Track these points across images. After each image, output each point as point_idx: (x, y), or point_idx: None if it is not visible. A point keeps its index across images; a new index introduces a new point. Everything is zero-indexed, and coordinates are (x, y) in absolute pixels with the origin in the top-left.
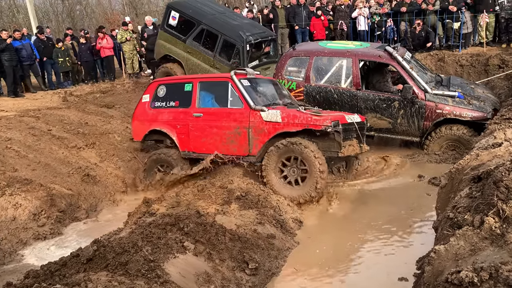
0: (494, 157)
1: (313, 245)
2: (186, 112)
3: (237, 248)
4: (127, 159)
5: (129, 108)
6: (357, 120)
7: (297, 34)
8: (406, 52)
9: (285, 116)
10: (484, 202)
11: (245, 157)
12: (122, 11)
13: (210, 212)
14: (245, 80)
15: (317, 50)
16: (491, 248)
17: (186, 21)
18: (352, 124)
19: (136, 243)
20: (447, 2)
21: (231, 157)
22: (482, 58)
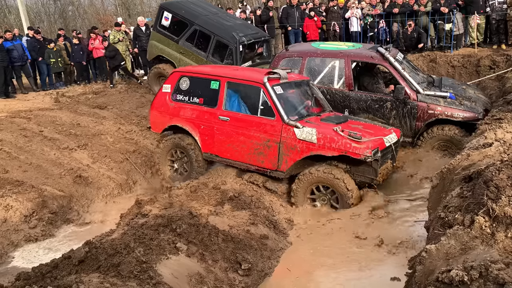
0: (484, 157)
1: (306, 245)
2: (211, 113)
3: (230, 248)
4: (120, 160)
5: (122, 109)
6: (394, 140)
7: (290, 35)
8: (398, 53)
9: (322, 138)
10: (474, 202)
11: (272, 171)
12: (114, 12)
13: (203, 213)
14: (278, 87)
15: (310, 51)
16: (481, 247)
17: (179, 21)
18: (390, 147)
19: (128, 245)
20: (438, 4)
21: (256, 168)
22: (474, 59)
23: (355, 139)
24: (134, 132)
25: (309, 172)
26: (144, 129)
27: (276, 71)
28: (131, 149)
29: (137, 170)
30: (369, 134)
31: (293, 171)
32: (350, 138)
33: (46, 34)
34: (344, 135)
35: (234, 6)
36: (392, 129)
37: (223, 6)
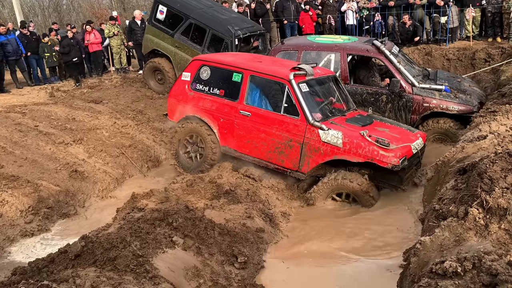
0: (479, 149)
1: (302, 238)
2: (232, 106)
3: (226, 242)
4: (115, 155)
5: (117, 103)
6: (420, 146)
7: (286, 28)
8: (393, 46)
9: (348, 142)
10: (468, 194)
11: (293, 171)
12: (109, 6)
13: (199, 206)
14: (304, 84)
15: (306, 45)
16: (475, 239)
17: (174, 15)
18: (417, 153)
19: (125, 239)
20: None
21: (276, 167)
22: (469, 52)
23: (383, 146)
24: (130, 126)
25: (334, 179)
26: (139, 123)
27: (303, 67)
28: (127, 144)
29: (133, 164)
30: (396, 139)
31: (314, 173)
32: (377, 144)
33: (41, 28)
34: (371, 141)
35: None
36: (418, 133)
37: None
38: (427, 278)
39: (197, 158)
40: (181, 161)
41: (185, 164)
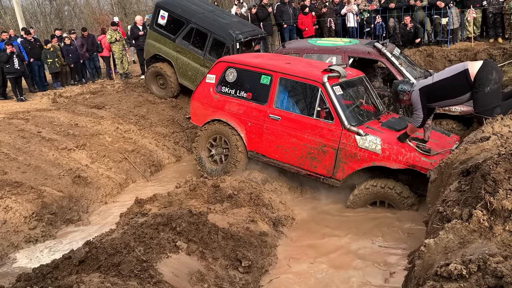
0: (482, 150)
1: (306, 241)
2: (260, 110)
3: (230, 246)
4: (118, 160)
5: (120, 109)
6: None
7: (285, 32)
8: (395, 48)
9: (387, 149)
10: (472, 196)
11: (326, 178)
12: (111, 11)
13: (203, 211)
14: (338, 87)
15: (307, 48)
16: (480, 241)
17: (176, 20)
18: None
19: (129, 244)
20: None
21: (308, 173)
22: (470, 53)
23: (425, 153)
24: (133, 131)
25: (367, 188)
26: (142, 128)
27: (335, 69)
28: (130, 149)
29: (136, 169)
30: (435, 144)
31: (350, 179)
32: (419, 150)
33: (43, 35)
34: (413, 146)
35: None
36: (453, 136)
37: (219, 3)
38: (432, 281)
39: (222, 161)
40: (204, 165)
41: (210, 167)
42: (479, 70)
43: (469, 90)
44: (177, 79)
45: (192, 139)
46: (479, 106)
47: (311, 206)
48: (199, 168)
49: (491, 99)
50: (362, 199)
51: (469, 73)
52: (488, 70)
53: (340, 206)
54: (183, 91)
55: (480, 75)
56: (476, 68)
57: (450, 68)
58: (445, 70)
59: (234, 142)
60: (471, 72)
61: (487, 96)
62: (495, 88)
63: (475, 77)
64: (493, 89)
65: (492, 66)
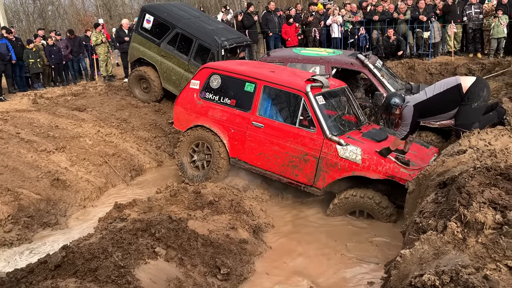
0: (459, 163)
1: (285, 249)
2: (244, 117)
3: (209, 253)
4: (99, 163)
5: (101, 112)
6: None
7: (271, 40)
8: (377, 60)
9: (367, 159)
10: (448, 207)
11: (307, 186)
12: (95, 13)
13: (183, 217)
14: (321, 97)
15: (291, 57)
16: (453, 252)
17: (161, 24)
18: None
19: (106, 249)
20: (417, 12)
21: (289, 181)
22: (450, 67)
23: (404, 164)
24: (114, 135)
25: (347, 197)
26: (124, 132)
27: (318, 78)
28: (111, 152)
29: (117, 173)
30: (414, 156)
31: (330, 188)
32: (398, 162)
33: (25, 34)
34: (391, 158)
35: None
36: (432, 148)
37: (205, 10)
38: None
39: (203, 167)
40: (186, 171)
41: (191, 173)
42: (472, 85)
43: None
44: (160, 84)
45: (174, 144)
46: (462, 119)
47: (291, 214)
48: (181, 173)
49: (475, 115)
50: (342, 208)
51: (461, 87)
52: (480, 86)
53: (320, 215)
54: (166, 96)
55: (472, 90)
56: (469, 83)
57: (442, 83)
58: (437, 85)
59: (217, 149)
60: (464, 86)
61: (473, 111)
62: (482, 105)
63: (467, 90)
64: (480, 105)
65: (484, 84)
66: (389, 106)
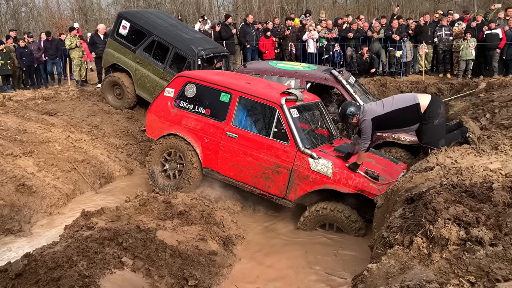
0: (426, 180)
1: (255, 262)
2: (218, 127)
3: (177, 264)
4: (67, 170)
5: (72, 117)
6: None
7: (248, 52)
8: (350, 76)
9: (338, 173)
10: (414, 223)
11: (279, 198)
12: (71, 17)
13: (151, 227)
14: (295, 110)
15: (267, 69)
16: (419, 267)
17: (137, 31)
18: None
19: (71, 258)
20: (390, 31)
21: (261, 193)
22: (421, 86)
23: (373, 179)
24: (84, 141)
25: (322, 208)
26: (94, 138)
27: (293, 92)
28: (80, 159)
29: (85, 180)
30: (383, 171)
31: (301, 201)
32: (367, 177)
33: None
34: (361, 173)
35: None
36: (401, 164)
37: (183, 19)
38: None
39: (175, 176)
40: (157, 180)
41: (162, 183)
42: (430, 103)
43: (418, 122)
44: (134, 90)
45: (145, 153)
46: (428, 137)
47: (262, 226)
48: (151, 182)
49: (438, 131)
50: (312, 221)
51: (420, 106)
52: (437, 104)
53: (291, 228)
54: (140, 103)
55: (430, 109)
56: (427, 101)
57: (399, 98)
58: (395, 100)
59: (189, 158)
60: (422, 105)
61: (435, 128)
62: (442, 121)
63: (425, 110)
64: (440, 122)
65: (439, 101)
66: (345, 115)
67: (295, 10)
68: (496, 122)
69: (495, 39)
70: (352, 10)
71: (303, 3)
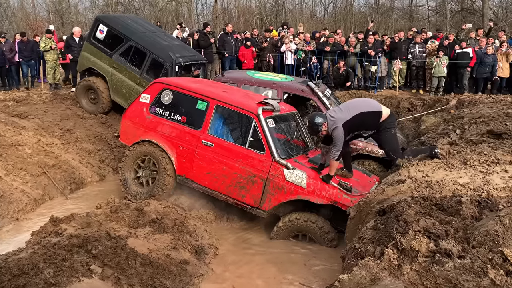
0: (398, 192)
1: (227, 272)
2: (194, 134)
3: (147, 273)
4: (37, 174)
5: (44, 120)
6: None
7: (226, 61)
8: (326, 89)
9: (312, 184)
10: (386, 235)
11: (253, 208)
12: (46, 19)
13: (122, 234)
14: (271, 120)
15: (245, 79)
16: (389, 279)
17: (115, 36)
18: None
19: (37, 265)
20: (366, 46)
21: (236, 202)
22: (394, 101)
23: (346, 190)
24: (56, 145)
25: (295, 218)
26: (66, 142)
27: (270, 102)
28: (51, 163)
29: (55, 185)
30: (356, 183)
31: (275, 211)
32: (340, 188)
33: None
34: (334, 184)
35: (173, 27)
36: (374, 177)
37: (162, 25)
38: None
39: (148, 183)
40: (129, 187)
41: (135, 190)
42: (389, 115)
43: (374, 129)
44: (109, 95)
45: (119, 159)
46: (389, 145)
47: (236, 236)
48: (123, 189)
49: (396, 139)
50: (286, 232)
51: (382, 115)
52: (394, 118)
53: (264, 238)
54: (114, 108)
55: (389, 120)
56: (387, 113)
57: (366, 102)
58: (361, 103)
59: (163, 165)
60: (384, 114)
61: (393, 136)
62: (395, 133)
63: (384, 120)
64: (395, 132)
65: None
66: (315, 125)
67: (274, 22)
68: (466, 138)
69: (466, 58)
70: (329, 24)
71: (282, 15)
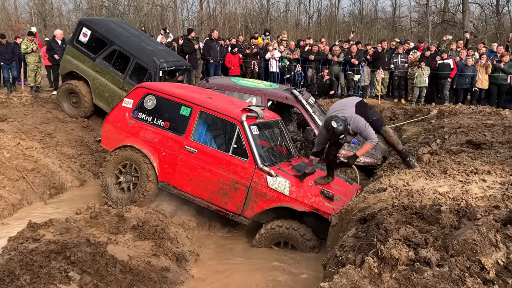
0: (379, 201)
1: (208, 279)
2: (177, 140)
3: (127, 280)
4: (15, 178)
5: (24, 123)
6: None
7: (211, 67)
8: (310, 97)
9: (294, 191)
10: (367, 243)
11: (236, 215)
12: (29, 21)
13: (102, 241)
14: (255, 127)
15: (230, 85)
16: (369, 287)
17: (98, 39)
18: None
19: (13, 272)
20: (350, 56)
21: (218, 209)
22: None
23: (328, 198)
24: (35, 149)
25: (277, 226)
26: (46, 146)
27: (254, 109)
28: (30, 167)
29: (34, 190)
30: (338, 191)
31: (258, 218)
32: (323, 196)
33: None
34: (316, 192)
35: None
36: (355, 185)
37: (147, 30)
38: None
39: (129, 189)
40: (110, 192)
41: (115, 195)
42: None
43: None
44: (92, 99)
45: (100, 164)
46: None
47: (218, 243)
48: (104, 195)
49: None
50: (268, 239)
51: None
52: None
53: (246, 245)
54: (96, 112)
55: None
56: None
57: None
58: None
59: (145, 171)
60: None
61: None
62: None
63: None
64: None
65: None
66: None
67: (259, 29)
68: (446, 147)
69: (447, 68)
70: (314, 33)
71: (267, 22)
